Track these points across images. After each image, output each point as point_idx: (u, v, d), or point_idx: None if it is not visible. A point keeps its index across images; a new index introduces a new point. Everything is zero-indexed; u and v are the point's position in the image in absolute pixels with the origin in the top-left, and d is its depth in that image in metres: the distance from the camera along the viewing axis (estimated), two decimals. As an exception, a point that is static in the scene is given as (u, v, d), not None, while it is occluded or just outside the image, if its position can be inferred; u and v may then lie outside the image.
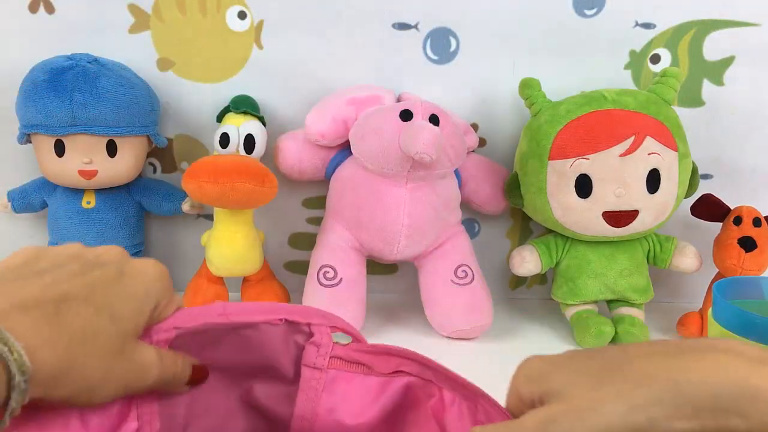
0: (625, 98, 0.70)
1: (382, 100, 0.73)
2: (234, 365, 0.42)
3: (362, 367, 0.44)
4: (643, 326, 0.72)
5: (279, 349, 0.42)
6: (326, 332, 0.42)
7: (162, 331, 0.36)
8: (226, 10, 0.75)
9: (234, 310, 0.39)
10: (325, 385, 0.44)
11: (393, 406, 0.44)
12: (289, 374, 0.43)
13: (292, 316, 0.41)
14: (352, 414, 0.45)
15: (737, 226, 0.71)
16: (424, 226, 0.72)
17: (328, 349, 0.43)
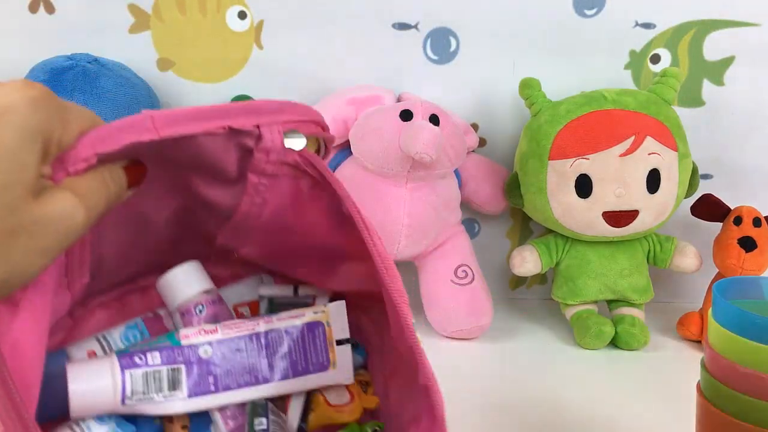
0: (625, 98, 0.70)
1: (382, 100, 0.73)
2: (170, 168, 0.38)
3: (314, 174, 0.40)
4: (644, 326, 0.72)
5: (223, 155, 0.38)
6: (277, 134, 0.38)
7: (79, 160, 0.30)
8: (226, 10, 0.75)
9: (165, 121, 0.33)
10: (275, 189, 0.41)
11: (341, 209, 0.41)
12: (232, 175, 0.40)
13: (236, 121, 0.36)
14: (300, 213, 0.43)
15: (737, 226, 0.71)
16: (424, 226, 0.72)
17: (279, 155, 0.39)
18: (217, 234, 0.47)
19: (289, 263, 0.50)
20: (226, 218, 0.44)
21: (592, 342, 0.70)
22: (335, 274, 0.48)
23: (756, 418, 0.39)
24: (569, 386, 0.63)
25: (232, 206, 0.42)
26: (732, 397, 0.41)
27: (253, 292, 0.55)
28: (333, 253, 0.46)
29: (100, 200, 0.31)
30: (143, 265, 0.49)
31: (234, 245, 0.48)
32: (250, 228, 0.44)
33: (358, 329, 0.54)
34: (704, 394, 0.43)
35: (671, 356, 0.71)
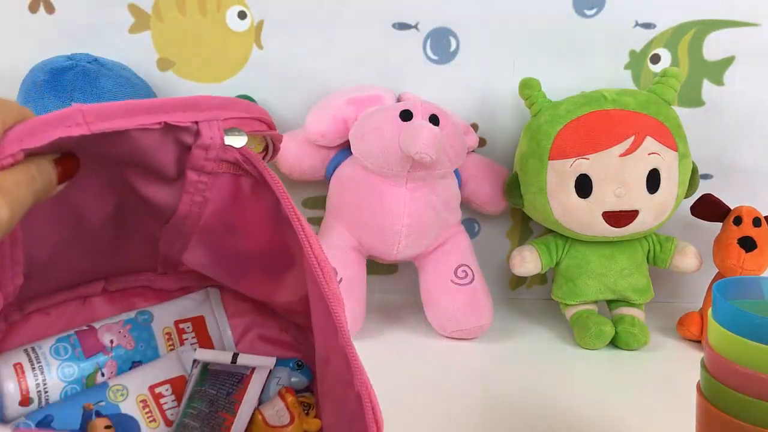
0: (625, 98, 0.70)
1: (382, 100, 0.73)
2: (105, 164, 0.36)
3: (255, 173, 0.39)
4: (643, 326, 0.72)
5: (159, 152, 0.37)
6: (217, 130, 0.37)
7: (5, 156, 0.29)
8: (226, 10, 0.75)
9: (96, 115, 0.32)
10: (215, 187, 0.40)
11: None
12: (170, 173, 0.39)
13: (173, 116, 0.35)
14: (242, 213, 0.42)
15: (737, 226, 0.71)
16: (424, 226, 0.72)
17: (218, 152, 0.38)
18: (159, 238, 0.45)
19: (234, 272, 0.48)
20: (166, 219, 0.43)
21: (592, 342, 0.70)
22: (280, 284, 0.47)
23: (756, 418, 0.39)
24: (569, 386, 0.63)
25: (172, 205, 0.41)
26: (732, 397, 0.40)
27: (199, 307, 0.54)
28: (277, 259, 0.44)
29: (27, 196, 0.30)
30: (84, 270, 0.48)
31: (175, 250, 0.47)
32: (190, 230, 0.43)
33: (307, 349, 0.53)
34: (704, 394, 0.43)
35: (671, 356, 0.71)
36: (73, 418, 0.45)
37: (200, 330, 0.53)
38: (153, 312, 0.52)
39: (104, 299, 0.51)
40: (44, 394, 0.46)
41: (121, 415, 0.46)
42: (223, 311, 0.54)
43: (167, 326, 0.52)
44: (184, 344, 0.52)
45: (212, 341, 0.54)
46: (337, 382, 0.42)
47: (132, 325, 0.51)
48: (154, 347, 0.51)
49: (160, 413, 0.48)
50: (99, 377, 0.48)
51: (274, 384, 0.51)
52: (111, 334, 0.49)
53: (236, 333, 0.54)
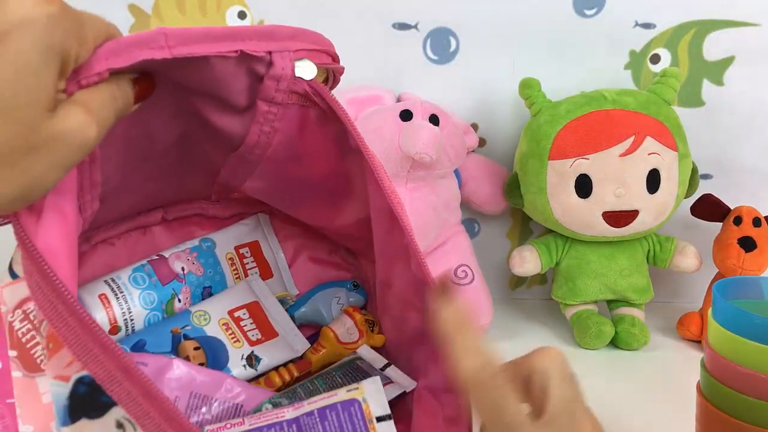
0: (625, 98, 0.70)
1: (382, 100, 0.73)
2: (179, 90, 0.38)
3: (323, 106, 0.40)
4: (643, 326, 0.72)
5: (233, 81, 0.38)
6: (289, 62, 0.38)
7: (92, 74, 0.30)
8: (226, 10, 0.75)
9: (178, 39, 0.33)
10: (284, 118, 0.41)
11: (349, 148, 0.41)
12: (241, 103, 0.40)
13: (249, 45, 0.36)
14: (308, 143, 0.43)
15: (737, 226, 0.71)
16: (424, 226, 0.72)
17: (289, 83, 0.39)
18: (222, 167, 0.47)
19: (294, 199, 0.50)
20: (233, 148, 0.43)
21: (592, 342, 0.70)
22: (337, 210, 0.48)
23: (756, 418, 0.39)
24: (569, 386, 0.63)
25: (241, 135, 0.42)
26: (732, 397, 0.41)
27: (253, 233, 0.56)
28: (336, 186, 0.46)
29: (110, 114, 0.31)
30: (146, 197, 0.49)
31: (238, 178, 0.48)
32: (257, 158, 0.44)
33: (358, 271, 0.56)
34: (704, 393, 0.43)
35: (671, 356, 0.71)
36: (164, 341, 0.48)
37: (257, 254, 0.56)
38: (215, 239, 0.55)
39: (163, 228, 0.54)
40: (130, 321, 0.48)
41: (207, 337, 0.49)
42: (275, 235, 0.57)
43: (229, 251, 0.55)
44: (245, 269, 0.56)
45: (269, 264, 0.57)
46: (399, 303, 0.45)
47: (198, 253, 0.54)
48: (221, 272, 0.54)
49: (242, 334, 0.51)
50: (176, 303, 0.51)
51: (335, 303, 0.55)
52: (181, 261, 0.52)
53: (288, 255, 0.57)
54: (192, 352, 0.48)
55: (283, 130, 0.42)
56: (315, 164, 0.45)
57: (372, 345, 0.51)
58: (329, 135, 0.42)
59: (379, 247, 0.46)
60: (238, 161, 0.45)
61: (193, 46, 0.33)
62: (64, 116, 0.29)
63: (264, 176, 0.47)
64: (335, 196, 0.47)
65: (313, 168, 0.45)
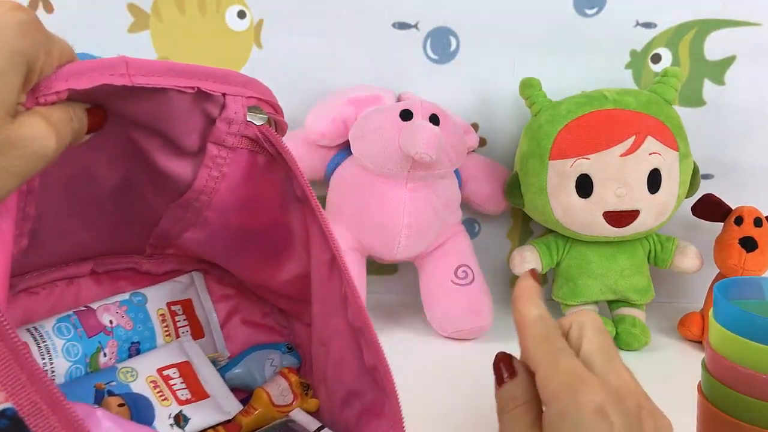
0: (626, 98, 0.70)
1: (382, 100, 0.73)
2: (131, 127, 0.37)
3: (272, 151, 0.40)
4: (644, 327, 0.72)
5: (186, 119, 0.38)
6: (241, 106, 0.38)
7: (52, 91, 0.30)
8: (225, 9, 0.75)
9: (139, 69, 0.33)
10: (233, 162, 0.41)
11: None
12: (192, 144, 0.40)
13: (206, 84, 0.36)
14: (254, 189, 0.42)
15: (738, 226, 0.71)
16: (424, 227, 0.72)
17: (240, 127, 0.39)
18: (162, 216, 0.46)
19: (235, 251, 0.49)
20: (179, 194, 0.43)
21: (592, 342, 0.70)
22: (277, 267, 0.47)
23: (756, 419, 0.39)
24: (569, 387, 0.63)
25: (189, 180, 0.42)
26: (732, 398, 0.40)
27: (186, 291, 0.54)
28: (278, 240, 0.45)
29: (68, 133, 0.31)
30: (78, 247, 0.48)
31: (179, 228, 0.47)
32: (202, 206, 0.44)
33: (292, 334, 0.54)
34: (705, 394, 0.43)
35: (672, 357, 0.71)
36: (86, 396, 0.45)
37: (190, 313, 0.54)
38: (146, 294, 0.53)
39: (91, 281, 0.51)
40: (51, 373, 0.46)
41: (132, 394, 0.46)
42: (208, 295, 0.55)
43: (161, 308, 0.53)
44: (177, 327, 0.53)
45: (201, 324, 0.55)
46: (333, 363, 0.43)
47: (128, 306, 0.51)
48: (151, 328, 0.52)
49: (170, 393, 0.48)
50: (101, 357, 0.48)
51: (268, 365, 0.53)
52: (109, 314, 0.50)
53: (221, 316, 0.55)
54: (116, 409, 0.45)
55: (231, 176, 0.42)
56: (259, 213, 0.44)
57: (306, 409, 0.49)
58: (275, 183, 0.42)
59: (316, 302, 0.45)
60: (181, 209, 0.44)
61: (152, 77, 0.34)
62: (25, 123, 0.29)
63: (206, 226, 0.46)
64: (276, 248, 0.47)
65: (256, 217, 0.45)
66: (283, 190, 0.42)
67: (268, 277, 0.49)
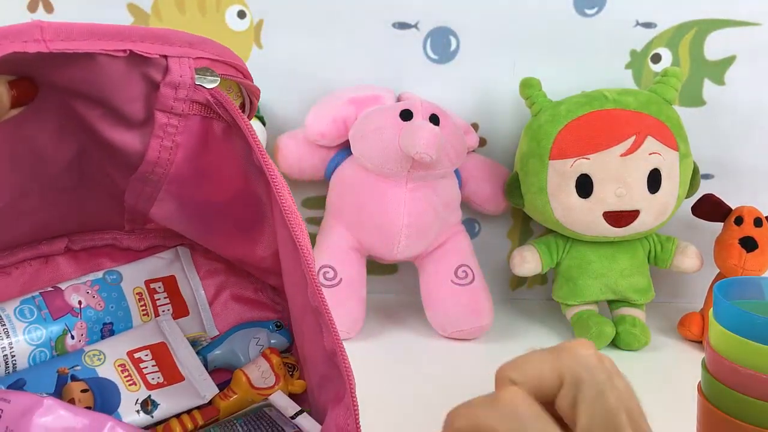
0: (626, 98, 0.70)
1: (382, 100, 0.73)
2: (67, 98, 0.34)
3: (226, 117, 0.37)
4: (644, 327, 0.72)
5: (124, 87, 0.34)
6: (188, 68, 0.34)
7: None
8: (225, 9, 0.75)
9: (56, 33, 0.29)
10: (186, 131, 0.37)
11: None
12: (137, 114, 0.36)
13: (140, 47, 0.32)
14: (211, 160, 0.39)
15: (738, 226, 0.71)
16: (424, 227, 0.71)
17: (188, 92, 0.35)
18: (125, 191, 0.43)
19: (205, 226, 0.46)
20: (133, 168, 0.40)
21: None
22: (251, 238, 0.44)
23: (756, 419, 0.39)
24: (569, 387, 0.63)
25: (140, 152, 0.38)
26: (733, 398, 0.40)
27: (170, 267, 0.51)
28: (247, 211, 0.42)
29: None
30: (45, 223, 0.45)
31: (143, 202, 0.44)
32: (160, 178, 0.40)
33: (284, 311, 0.51)
34: (705, 394, 0.43)
35: (672, 357, 0.71)
36: (47, 382, 0.43)
37: (172, 290, 0.51)
38: (122, 272, 0.50)
39: (68, 258, 0.49)
40: (11, 358, 0.43)
41: (98, 378, 0.44)
42: (195, 271, 0.52)
43: (137, 286, 0.50)
44: (156, 306, 0.50)
45: (185, 301, 0.52)
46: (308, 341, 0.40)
47: (100, 286, 0.48)
48: (125, 307, 0.49)
49: (140, 377, 0.46)
50: (69, 340, 0.46)
51: (253, 344, 0.50)
52: (78, 294, 0.47)
53: (209, 293, 0.52)
54: (78, 395, 0.42)
55: (186, 145, 0.38)
56: (222, 184, 0.41)
57: (291, 391, 0.46)
58: (236, 151, 0.39)
59: (285, 276, 0.43)
60: (140, 183, 0.42)
61: (73, 42, 0.30)
62: None
63: (169, 200, 0.43)
64: (247, 222, 0.44)
65: (220, 189, 0.42)
66: (245, 159, 0.38)
67: (246, 252, 0.46)
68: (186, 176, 0.40)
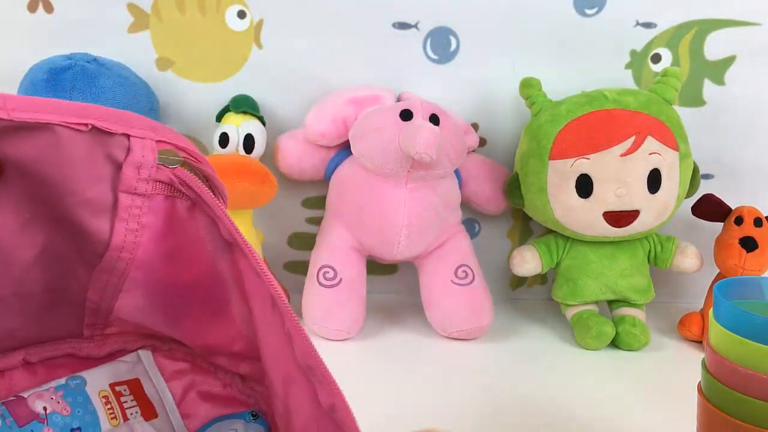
0: (626, 98, 0.70)
1: (382, 100, 0.73)
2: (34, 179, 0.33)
3: (191, 195, 0.36)
4: (644, 327, 0.72)
5: (87, 165, 0.34)
6: (150, 150, 0.34)
7: None
8: (225, 9, 0.75)
9: (19, 104, 0.29)
10: (150, 212, 0.37)
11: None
12: (101, 196, 0.36)
13: (103, 122, 0.32)
14: (176, 239, 0.38)
15: (738, 226, 0.71)
16: (424, 227, 0.72)
17: (151, 172, 0.35)
18: (89, 284, 0.42)
19: (173, 313, 0.45)
20: (99, 257, 0.39)
21: (592, 342, 0.70)
22: (221, 324, 0.44)
23: (756, 419, 0.39)
24: (569, 386, 0.63)
25: (106, 238, 0.38)
26: (733, 398, 0.40)
27: (133, 370, 0.50)
28: (214, 292, 0.42)
29: None
30: (3, 333, 0.43)
31: (109, 296, 0.43)
32: (126, 265, 0.40)
33: (256, 401, 0.50)
34: (705, 394, 0.43)
35: (672, 357, 0.71)
36: None
37: (138, 393, 0.50)
38: (85, 377, 0.48)
39: (25, 372, 0.46)
40: None
41: None
42: (159, 373, 0.51)
43: (103, 389, 0.48)
44: (123, 408, 0.49)
45: (152, 403, 0.50)
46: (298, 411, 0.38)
47: (64, 391, 0.47)
48: (93, 411, 0.47)
49: None
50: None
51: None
52: (42, 401, 0.45)
53: (176, 394, 0.51)
54: None
55: (151, 226, 0.38)
56: (189, 265, 0.41)
57: None
58: (200, 228, 0.38)
59: (263, 345, 0.41)
60: (105, 275, 0.41)
61: (36, 114, 0.30)
62: None
63: (135, 290, 0.42)
64: (215, 304, 0.43)
65: (188, 270, 0.41)
66: (210, 236, 0.38)
67: (217, 336, 0.45)
68: (152, 260, 0.40)
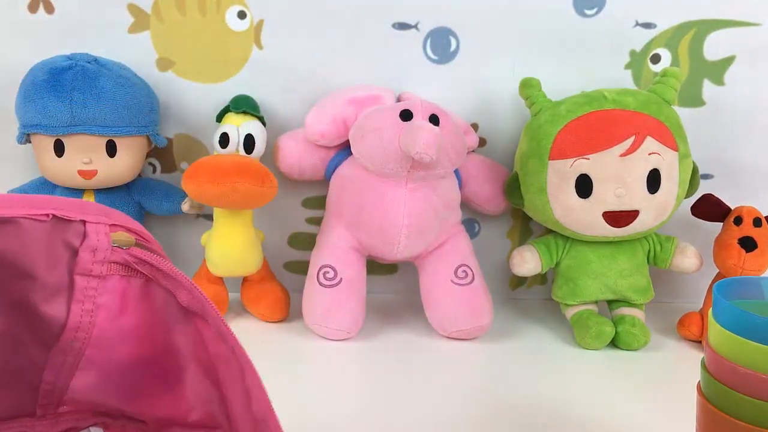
0: (626, 98, 0.70)
1: (382, 100, 0.73)
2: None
3: (147, 271, 0.38)
4: (644, 326, 0.72)
5: (46, 253, 0.36)
6: (104, 235, 0.36)
7: None
8: (225, 9, 0.75)
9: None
10: (105, 292, 0.38)
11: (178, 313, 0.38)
12: (58, 280, 0.37)
13: (61, 211, 0.35)
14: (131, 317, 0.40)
15: (738, 226, 0.71)
16: (424, 227, 0.72)
17: (106, 254, 0.37)
18: (45, 365, 0.42)
19: (129, 389, 0.45)
20: (55, 338, 0.40)
21: (592, 342, 0.70)
22: (178, 396, 0.44)
23: (756, 419, 0.39)
24: (569, 386, 0.63)
25: (62, 319, 0.39)
26: (732, 398, 0.40)
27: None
28: (168, 367, 0.42)
29: None
30: None
31: (64, 376, 0.43)
32: (81, 345, 0.41)
33: None
34: (704, 394, 0.43)
35: (671, 356, 0.71)
36: None
37: None
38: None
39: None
40: None
41: None
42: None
43: None
44: None
45: None
46: None
47: None
48: None
49: None
50: None
51: None
52: None
53: None
54: None
55: (106, 306, 0.39)
56: (143, 340, 0.41)
57: None
58: (156, 302, 0.39)
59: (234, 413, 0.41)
60: (61, 354, 0.41)
61: (2, 209, 0.32)
62: None
63: (91, 368, 0.43)
64: (169, 374, 0.43)
65: (142, 346, 0.42)
66: (166, 309, 0.39)
67: (172, 409, 0.45)
68: (108, 338, 0.41)
